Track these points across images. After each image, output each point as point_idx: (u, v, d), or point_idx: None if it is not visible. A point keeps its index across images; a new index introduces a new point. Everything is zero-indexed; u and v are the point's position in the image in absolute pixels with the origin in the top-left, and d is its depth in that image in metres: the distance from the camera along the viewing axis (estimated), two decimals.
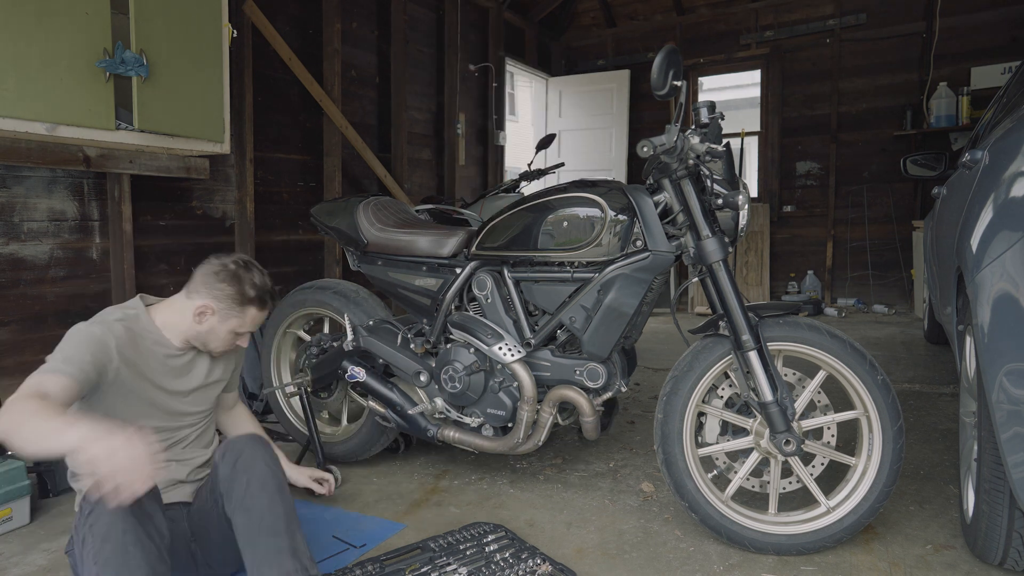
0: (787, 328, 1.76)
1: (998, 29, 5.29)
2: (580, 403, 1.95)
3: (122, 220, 2.85)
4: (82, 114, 2.26)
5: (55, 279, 2.70)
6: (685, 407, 1.83)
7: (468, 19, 5.63)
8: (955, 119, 5.27)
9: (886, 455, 1.72)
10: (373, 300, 2.46)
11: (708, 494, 1.82)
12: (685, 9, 6.64)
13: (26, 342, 2.60)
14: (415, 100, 5.03)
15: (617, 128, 6.71)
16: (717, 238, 1.77)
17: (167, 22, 2.51)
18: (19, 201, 2.57)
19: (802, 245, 6.17)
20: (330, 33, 4.05)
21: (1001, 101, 2.46)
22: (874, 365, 1.72)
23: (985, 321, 1.43)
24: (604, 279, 1.90)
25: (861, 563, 1.73)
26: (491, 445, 2.10)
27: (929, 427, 2.78)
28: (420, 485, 2.31)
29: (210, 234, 3.41)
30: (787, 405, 1.71)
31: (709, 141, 1.74)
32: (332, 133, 4.08)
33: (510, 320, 2.09)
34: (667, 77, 1.65)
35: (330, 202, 2.54)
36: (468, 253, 2.19)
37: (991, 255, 1.45)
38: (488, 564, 1.67)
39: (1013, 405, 1.35)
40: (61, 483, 2.26)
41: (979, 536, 1.62)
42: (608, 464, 2.48)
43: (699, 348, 1.85)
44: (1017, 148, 1.49)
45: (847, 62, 5.89)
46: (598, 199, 1.90)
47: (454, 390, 2.12)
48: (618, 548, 1.84)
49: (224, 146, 2.83)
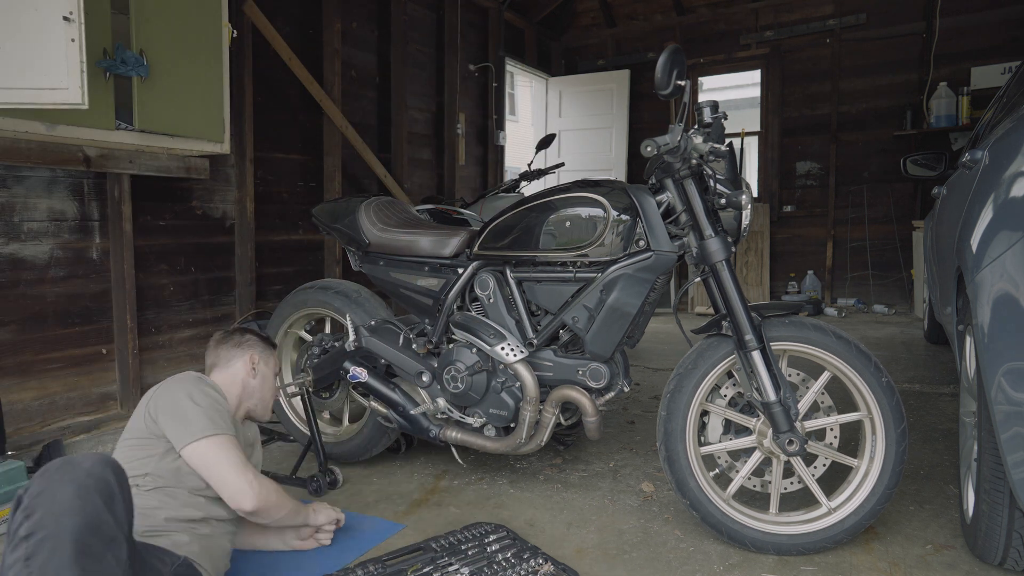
0: (793, 328, 1.76)
1: (998, 29, 5.29)
2: (583, 403, 1.95)
3: (122, 220, 2.85)
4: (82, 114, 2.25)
5: (55, 279, 2.69)
6: (689, 405, 1.83)
7: (468, 19, 5.63)
8: (955, 119, 5.27)
9: (889, 458, 1.72)
10: (375, 300, 2.46)
11: (710, 492, 1.82)
12: (685, 9, 6.64)
13: (26, 342, 2.60)
14: (415, 100, 5.03)
15: (617, 128, 6.71)
16: (720, 238, 1.77)
17: (167, 22, 2.51)
18: (19, 201, 2.57)
19: (802, 245, 6.18)
20: (330, 33, 4.05)
21: (1001, 101, 2.46)
22: (879, 367, 1.72)
23: (985, 321, 1.43)
24: (607, 279, 1.90)
25: (861, 563, 1.73)
26: (493, 445, 2.10)
27: (929, 427, 2.78)
28: (420, 485, 2.31)
29: (210, 234, 3.41)
30: (790, 405, 1.71)
31: (712, 141, 1.74)
32: (332, 133, 4.08)
33: (512, 320, 2.09)
34: (671, 77, 1.65)
35: (331, 202, 2.54)
36: (470, 253, 2.19)
37: (991, 255, 1.45)
38: (490, 564, 1.67)
39: (1013, 405, 1.35)
40: None
41: (979, 536, 1.63)
42: (608, 464, 2.48)
43: (703, 347, 1.85)
44: (1017, 148, 1.49)
45: (847, 62, 5.89)
46: (601, 199, 1.90)
47: (456, 390, 2.12)
48: (618, 548, 1.84)
49: (224, 146, 2.83)
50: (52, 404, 2.70)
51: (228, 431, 1.54)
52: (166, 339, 3.17)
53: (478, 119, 5.89)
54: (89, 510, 1.05)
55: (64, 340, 2.73)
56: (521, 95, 16.19)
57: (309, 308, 2.51)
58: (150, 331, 3.09)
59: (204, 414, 1.50)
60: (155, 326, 3.12)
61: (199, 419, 1.49)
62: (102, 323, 2.88)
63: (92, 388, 2.85)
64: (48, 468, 1.09)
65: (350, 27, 4.36)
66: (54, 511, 1.03)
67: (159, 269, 3.13)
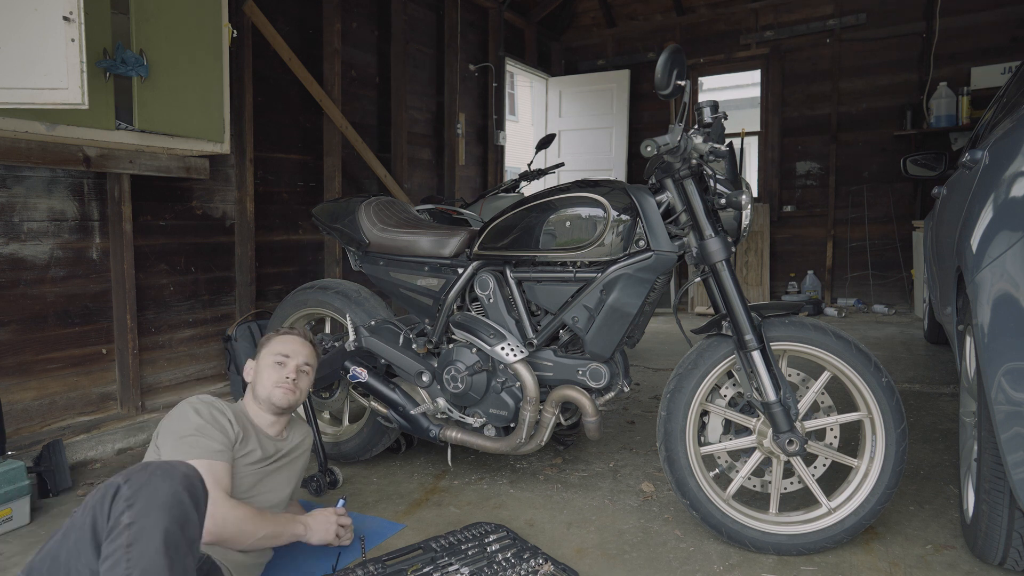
0: (793, 328, 1.76)
1: (998, 29, 5.29)
2: (583, 403, 1.95)
3: (122, 220, 2.85)
4: (82, 114, 2.25)
5: (55, 279, 2.69)
6: (689, 405, 1.83)
7: (468, 19, 5.62)
8: (955, 119, 5.27)
9: (888, 458, 1.72)
10: (375, 300, 2.46)
11: (710, 492, 1.82)
12: (685, 9, 6.64)
13: (26, 342, 2.60)
14: (415, 100, 5.03)
15: (617, 128, 6.71)
16: (720, 238, 1.77)
17: (167, 22, 2.51)
18: (19, 201, 2.57)
19: (802, 245, 6.18)
20: (330, 33, 4.05)
21: (1001, 101, 2.46)
22: (879, 367, 1.72)
23: (985, 321, 1.43)
24: (607, 279, 1.90)
25: (861, 563, 1.73)
26: (494, 445, 2.10)
27: (929, 427, 2.78)
28: (420, 485, 2.31)
29: (210, 234, 3.41)
30: (790, 405, 1.71)
31: (712, 141, 1.74)
32: (332, 133, 4.08)
33: (512, 320, 2.09)
34: (671, 77, 1.65)
35: (332, 202, 2.54)
36: (470, 253, 2.19)
37: (991, 255, 1.45)
38: (490, 564, 1.67)
39: (1013, 405, 1.35)
40: (61, 483, 2.26)
41: (979, 536, 1.63)
42: (608, 464, 2.48)
43: (703, 347, 1.85)
44: (1017, 148, 1.49)
45: (847, 62, 5.89)
46: (601, 199, 1.90)
47: (456, 390, 2.12)
48: (618, 548, 1.84)
49: (224, 146, 2.83)
50: (52, 404, 2.70)
51: (202, 455, 1.47)
52: (166, 339, 3.17)
53: (478, 119, 5.89)
54: (182, 508, 1.14)
55: (64, 340, 2.73)
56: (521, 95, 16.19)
57: (309, 308, 2.51)
58: (150, 331, 3.09)
59: (177, 439, 1.50)
60: (155, 326, 3.12)
61: (167, 444, 1.51)
62: (102, 323, 2.88)
63: (92, 388, 2.85)
64: (148, 465, 1.18)
65: (350, 27, 4.36)
66: (155, 503, 1.11)
67: (159, 269, 3.13)
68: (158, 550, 1.08)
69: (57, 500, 2.23)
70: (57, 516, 2.10)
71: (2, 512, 1.97)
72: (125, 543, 1.08)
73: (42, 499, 2.21)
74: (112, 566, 1.07)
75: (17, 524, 2.01)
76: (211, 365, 3.39)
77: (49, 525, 2.04)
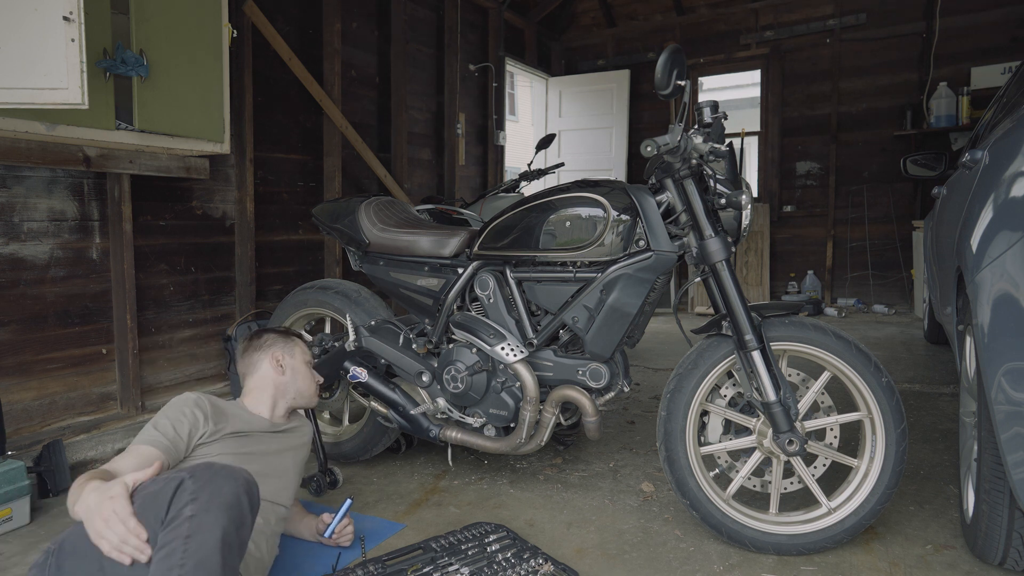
0: (793, 328, 1.76)
1: (998, 29, 5.29)
2: (583, 403, 1.95)
3: (122, 220, 2.85)
4: (82, 114, 2.26)
5: (55, 279, 2.69)
6: (689, 405, 1.83)
7: (468, 19, 5.63)
8: (955, 119, 5.27)
9: (888, 458, 1.72)
10: (375, 300, 2.46)
11: (710, 492, 1.82)
12: (685, 9, 6.64)
13: (26, 342, 2.60)
14: (415, 100, 5.03)
15: (617, 128, 6.71)
16: (720, 238, 1.77)
17: (167, 22, 2.51)
18: (19, 201, 2.57)
19: (802, 245, 6.18)
20: (330, 33, 4.05)
21: (1001, 101, 2.46)
22: (879, 367, 1.72)
23: (985, 321, 1.43)
24: (607, 279, 1.90)
25: (861, 563, 1.73)
26: (494, 445, 2.10)
27: (929, 427, 2.78)
28: (420, 485, 2.31)
29: (210, 234, 3.41)
30: (790, 405, 1.71)
31: (712, 141, 1.74)
32: (332, 133, 4.08)
33: (512, 320, 2.09)
34: (671, 77, 1.66)
35: (332, 202, 2.54)
36: (470, 253, 2.19)
37: (991, 255, 1.45)
38: (490, 564, 1.67)
39: (1013, 405, 1.36)
40: (61, 483, 2.26)
41: (979, 536, 1.63)
42: (608, 464, 2.48)
43: (703, 347, 1.85)
44: (1017, 148, 1.49)
45: (847, 62, 5.89)
46: (601, 199, 1.90)
47: (456, 390, 2.12)
48: (618, 548, 1.84)
49: (224, 146, 2.83)
50: (52, 404, 2.70)
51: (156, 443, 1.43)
52: (166, 339, 3.17)
53: (478, 119, 5.89)
54: (240, 511, 1.19)
55: (64, 340, 2.74)
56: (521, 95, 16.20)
57: (309, 308, 2.51)
58: (150, 331, 3.09)
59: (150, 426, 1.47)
60: (155, 326, 3.12)
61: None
62: (102, 323, 2.88)
63: (92, 388, 2.85)
64: (212, 465, 1.23)
65: (350, 27, 4.36)
66: (218, 502, 1.15)
67: (159, 269, 3.13)
68: (215, 547, 1.12)
69: (57, 500, 2.23)
70: (57, 516, 2.10)
71: (2, 512, 1.97)
72: (184, 534, 1.12)
73: (42, 499, 2.21)
74: (168, 554, 1.11)
75: (17, 524, 2.01)
76: (211, 365, 3.40)
77: (49, 525, 2.04)
